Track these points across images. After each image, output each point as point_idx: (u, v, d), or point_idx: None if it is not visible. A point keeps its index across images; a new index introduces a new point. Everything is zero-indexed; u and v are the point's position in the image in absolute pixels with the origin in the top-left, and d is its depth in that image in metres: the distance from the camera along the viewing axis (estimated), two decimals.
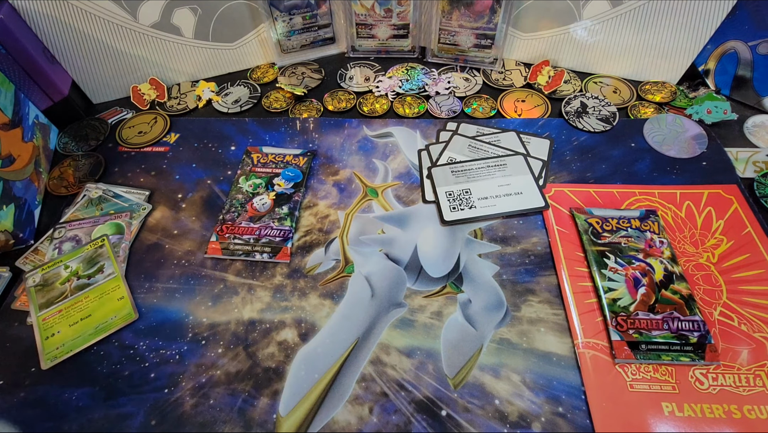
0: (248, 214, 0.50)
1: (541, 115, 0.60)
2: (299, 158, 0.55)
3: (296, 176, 0.53)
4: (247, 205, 0.51)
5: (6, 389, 0.40)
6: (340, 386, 0.39)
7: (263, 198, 0.51)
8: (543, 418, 0.37)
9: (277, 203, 0.51)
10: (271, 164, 0.55)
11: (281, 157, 0.55)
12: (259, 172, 0.54)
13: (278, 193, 0.52)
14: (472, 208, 0.50)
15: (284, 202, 0.51)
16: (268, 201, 0.51)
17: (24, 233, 0.49)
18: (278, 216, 0.50)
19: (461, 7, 0.60)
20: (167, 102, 0.65)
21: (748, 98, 0.59)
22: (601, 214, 0.48)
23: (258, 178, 0.53)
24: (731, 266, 0.44)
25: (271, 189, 0.52)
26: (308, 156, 0.56)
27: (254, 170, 0.54)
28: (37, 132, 0.56)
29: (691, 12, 0.56)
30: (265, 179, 0.54)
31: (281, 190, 0.52)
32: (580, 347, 0.40)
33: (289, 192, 0.52)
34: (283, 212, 0.50)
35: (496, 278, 0.45)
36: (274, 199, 0.51)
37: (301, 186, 0.53)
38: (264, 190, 0.52)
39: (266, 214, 0.50)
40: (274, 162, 0.55)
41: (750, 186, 0.51)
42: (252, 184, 0.53)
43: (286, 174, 0.53)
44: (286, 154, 0.56)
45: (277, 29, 0.65)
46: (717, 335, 0.40)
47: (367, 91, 0.65)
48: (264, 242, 0.48)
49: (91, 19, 0.58)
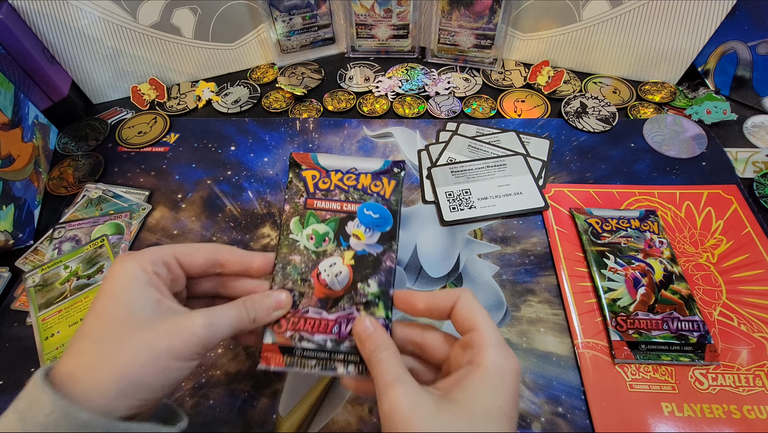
0: (315, 293, 0.31)
1: (541, 116, 0.60)
2: (382, 180, 0.33)
3: (383, 218, 0.32)
4: (312, 277, 0.31)
5: (6, 389, 0.40)
6: (340, 387, 0.39)
7: (335, 263, 0.31)
8: (543, 418, 0.37)
9: (357, 271, 0.31)
10: (338, 191, 0.33)
11: (353, 178, 0.33)
12: (321, 211, 0.33)
13: (357, 254, 0.31)
14: (472, 208, 0.50)
15: (369, 271, 0.31)
16: (343, 269, 0.31)
17: (23, 233, 0.49)
18: (363, 297, 0.30)
19: (461, 7, 0.60)
20: (167, 102, 0.65)
21: (747, 98, 0.59)
22: (601, 214, 0.48)
23: (321, 222, 0.32)
24: (731, 266, 0.44)
25: (345, 245, 0.32)
26: (396, 174, 0.33)
27: (313, 205, 0.33)
28: (36, 132, 0.56)
29: (691, 12, 0.56)
30: (334, 224, 0.32)
31: (362, 250, 0.31)
32: (579, 347, 0.40)
33: (375, 251, 0.31)
34: (370, 291, 0.30)
35: (495, 278, 0.45)
36: (353, 265, 0.31)
37: (392, 238, 0.32)
38: (334, 246, 0.32)
39: (344, 292, 0.31)
40: (343, 187, 0.33)
41: (749, 186, 0.51)
42: (314, 235, 0.32)
43: (366, 216, 0.32)
44: (360, 172, 0.33)
45: (277, 29, 0.65)
46: (717, 335, 0.40)
47: (367, 91, 0.65)
48: (348, 348, 0.29)
49: (91, 19, 0.58)
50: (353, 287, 0.30)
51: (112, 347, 0.23)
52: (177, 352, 0.24)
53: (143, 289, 0.25)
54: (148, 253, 0.27)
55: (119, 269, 0.25)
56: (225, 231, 0.50)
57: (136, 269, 0.25)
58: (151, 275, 0.26)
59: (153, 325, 0.24)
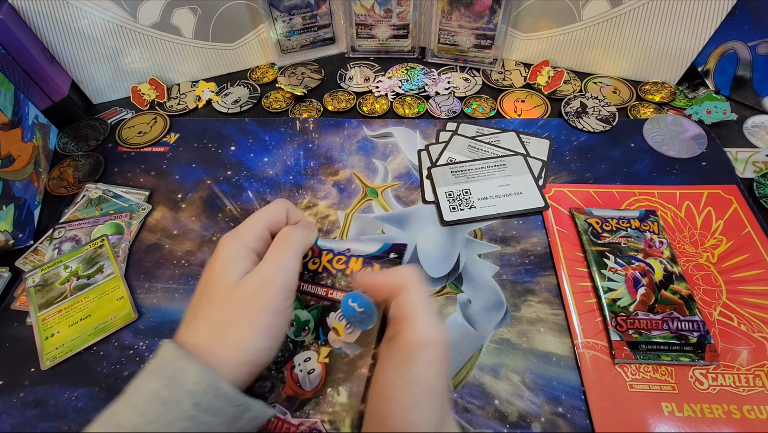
0: (285, 389, 0.28)
1: (541, 116, 0.60)
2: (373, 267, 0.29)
3: (366, 314, 0.28)
4: (286, 369, 0.28)
5: (6, 389, 0.40)
6: None
7: (310, 358, 0.28)
8: (543, 418, 0.37)
9: (329, 373, 0.28)
10: (326, 274, 0.30)
11: (344, 261, 0.30)
12: (307, 295, 0.30)
13: (333, 352, 0.28)
14: (472, 208, 0.50)
15: (342, 376, 0.27)
16: (317, 367, 0.28)
17: (24, 233, 0.49)
18: (330, 407, 0.27)
19: (461, 7, 0.60)
20: (167, 102, 0.65)
21: (747, 98, 0.59)
22: (601, 214, 0.48)
23: (304, 307, 0.30)
24: (731, 266, 0.44)
25: (323, 339, 0.28)
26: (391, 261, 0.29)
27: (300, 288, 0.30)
28: (36, 132, 0.56)
29: (691, 12, 0.56)
30: (316, 312, 0.29)
31: (338, 348, 0.28)
32: (579, 347, 0.40)
33: (353, 352, 0.27)
34: (338, 401, 0.27)
35: (495, 278, 0.45)
36: (327, 363, 0.28)
37: (372, 340, 0.27)
38: (312, 337, 0.29)
39: (312, 395, 0.27)
40: (331, 271, 0.30)
41: (749, 186, 0.51)
42: (295, 321, 0.30)
43: (349, 307, 0.28)
44: (352, 255, 0.30)
45: (277, 29, 0.65)
46: (716, 335, 0.40)
47: (367, 91, 0.65)
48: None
49: (91, 19, 0.58)
50: (323, 390, 0.27)
51: (222, 323, 0.25)
52: (269, 306, 0.26)
53: (240, 263, 0.27)
54: (246, 231, 0.28)
55: (220, 251, 0.28)
56: (225, 231, 0.50)
57: (235, 248, 0.27)
58: (249, 250, 0.28)
59: (247, 292, 0.26)
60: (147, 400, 0.23)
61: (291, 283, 0.27)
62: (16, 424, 0.38)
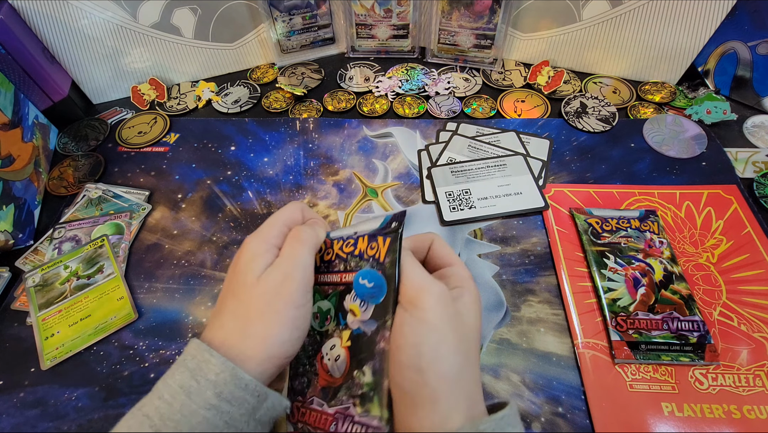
0: (319, 381, 0.29)
1: (541, 116, 0.60)
2: (377, 241, 0.29)
3: (377, 287, 0.28)
4: (317, 362, 0.29)
5: (6, 389, 0.40)
6: None
7: (334, 345, 0.29)
8: (543, 418, 0.37)
9: (354, 355, 0.28)
10: (339, 261, 0.30)
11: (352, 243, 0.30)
12: (325, 285, 0.31)
13: (353, 334, 0.28)
14: (472, 208, 0.50)
15: (365, 356, 0.27)
16: (341, 352, 0.28)
17: (24, 233, 0.49)
18: (359, 389, 0.27)
19: (461, 7, 0.60)
20: (167, 102, 0.65)
21: (747, 98, 0.59)
22: (601, 214, 0.48)
23: (324, 297, 0.31)
24: (731, 266, 0.44)
25: (343, 323, 0.29)
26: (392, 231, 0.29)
27: (318, 280, 0.31)
28: (36, 132, 0.56)
29: (690, 12, 0.56)
30: (335, 299, 0.30)
31: (357, 328, 0.28)
32: (579, 347, 0.40)
33: (370, 329, 0.27)
34: (365, 381, 0.26)
35: (495, 278, 0.45)
36: (349, 346, 0.28)
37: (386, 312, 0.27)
38: (335, 324, 0.29)
39: (342, 381, 0.28)
40: (342, 256, 0.30)
41: (749, 186, 0.51)
42: (318, 313, 0.30)
43: (361, 285, 0.28)
44: (359, 236, 0.30)
45: (277, 29, 0.65)
46: (716, 335, 0.40)
47: (367, 91, 0.65)
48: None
49: (91, 19, 0.58)
50: (350, 374, 0.27)
51: (246, 317, 0.27)
52: (291, 300, 0.27)
53: (264, 257, 0.28)
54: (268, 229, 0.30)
55: (244, 249, 0.29)
56: (225, 231, 0.50)
57: (257, 245, 0.29)
58: (270, 245, 0.29)
59: (269, 287, 0.27)
60: (173, 391, 0.24)
61: (308, 277, 0.28)
62: (16, 424, 0.38)
